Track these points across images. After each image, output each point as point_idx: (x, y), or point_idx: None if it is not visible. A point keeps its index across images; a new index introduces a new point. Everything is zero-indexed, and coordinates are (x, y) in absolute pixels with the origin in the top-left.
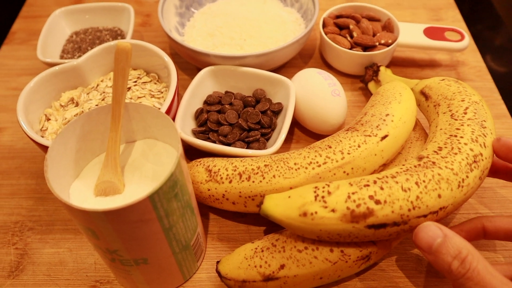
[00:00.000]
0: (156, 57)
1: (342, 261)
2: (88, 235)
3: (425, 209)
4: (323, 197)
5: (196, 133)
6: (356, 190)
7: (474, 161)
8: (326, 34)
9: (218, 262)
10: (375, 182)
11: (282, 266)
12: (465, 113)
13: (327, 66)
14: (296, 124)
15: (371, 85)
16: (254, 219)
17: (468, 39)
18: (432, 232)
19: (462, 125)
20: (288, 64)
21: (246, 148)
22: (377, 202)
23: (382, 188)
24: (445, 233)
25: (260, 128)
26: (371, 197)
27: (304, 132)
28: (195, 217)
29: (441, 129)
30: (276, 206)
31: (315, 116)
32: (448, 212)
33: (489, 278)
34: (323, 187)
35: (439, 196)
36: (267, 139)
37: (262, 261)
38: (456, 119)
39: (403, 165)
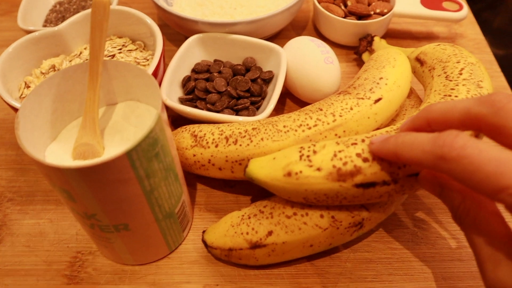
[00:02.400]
0: (142, 24)
1: (333, 227)
2: (64, 198)
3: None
4: (308, 156)
5: (183, 101)
6: (343, 149)
7: None
8: (319, 3)
9: (204, 231)
10: (363, 140)
11: (270, 233)
12: (460, 74)
13: (321, 38)
14: (288, 94)
15: (365, 56)
16: (243, 189)
17: (466, 9)
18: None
19: (457, 85)
20: (280, 35)
21: (235, 115)
22: (365, 159)
23: None
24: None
25: (249, 96)
26: (358, 155)
27: (296, 102)
28: (179, 183)
29: (435, 90)
30: (261, 168)
31: (307, 84)
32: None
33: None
34: (309, 147)
35: None
36: (257, 108)
37: (249, 228)
38: (451, 80)
39: (394, 125)
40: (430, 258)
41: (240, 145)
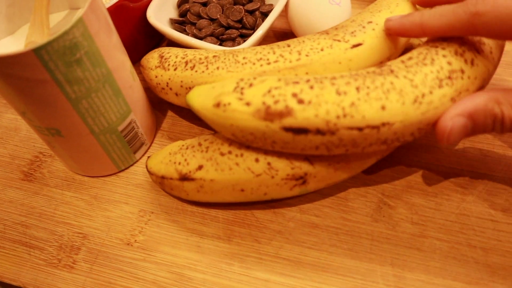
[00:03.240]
0: None
1: (267, 175)
2: None
3: (360, 119)
4: (242, 88)
5: (173, 23)
6: (281, 86)
7: (448, 77)
8: None
9: (149, 156)
10: (308, 80)
11: (200, 167)
12: None
13: None
14: (293, 35)
15: None
16: None
17: None
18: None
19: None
20: None
21: (219, 45)
22: (300, 101)
23: (312, 88)
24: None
25: (241, 27)
26: (294, 94)
27: None
28: (123, 99)
29: (427, 42)
30: (198, 96)
31: (307, 24)
32: (396, 132)
33: None
34: (248, 79)
35: (383, 107)
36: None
37: (182, 159)
38: None
39: (349, 71)
40: (384, 240)
41: (196, 71)
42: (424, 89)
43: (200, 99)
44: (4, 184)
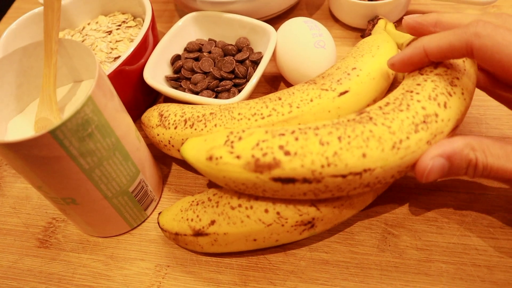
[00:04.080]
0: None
1: (277, 224)
2: (13, 168)
3: (343, 167)
4: (232, 142)
5: (168, 80)
6: (268, 138)
7: (423, 122)
8: None
9: (160, 213)
10: (293, 132)
11: (213, 222)
12: (435, 68)
13: (334, 19)
14: (282, 78)
15: None
16: None
17: None
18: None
19: (426, 80)
20: (292, 15)
21: (215, 97)
22: (287, 153)
23: (297, 139)
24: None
25: (234, 78)
26: (281, 147)
27: (289, 86)
28: (132, 162)
29: (403, 84)
30: (191, 149)
31: (294, 68)
32: (378, 176)
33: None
34: (237, 133)
35: (364, 155)
36: (241, 90)
37: (194, 215)
38: (422, 74)
39: (338, 118)
40: (393, 268)
41: (195, 129)
42: (401, 135)
43: (193, 152)
44: (21, 253)
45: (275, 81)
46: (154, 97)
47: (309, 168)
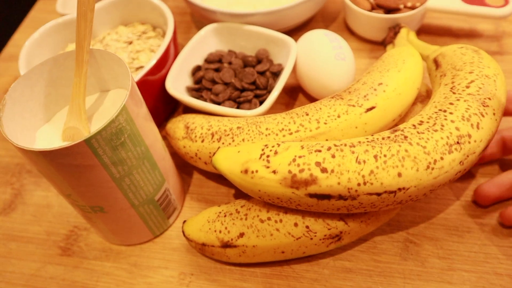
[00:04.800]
0: (157, 11)
1: (306, 238)
2: (44, 177)
3: (378, 186)
4: (268, 156)
5: (189, 90)
6: (305, 154)
7: (457, 142)
8: None
9: (184, 221)
10: (329, 148)
11: (242, 235)
12: (467, 87)
13: (350, 32)
14: (301, 89)
15: (389, 49)
16: None
17: None
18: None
19: (458, 99)
20: (308, 27)
21: (237, 108)
22: (323, 170)
23: (333, 156)
24: None
25: (255, 89)
26: (318, 163)
27: (308, 98)
28: (158, 172)
29: (434, 101)
30: (225, 159)
31: (315, 80)
32: (411, 195)
33: None
34: (273, 146)
35: (399, 174)
36: (262, 101)
37: (222, 227)
38: (454, 93)
39: (372, 135)
40: (415, 277)
41: (223, 143)
42: (436, 155)
43: (227, 164)
44: (43, 261)
45: (294, 92)
46: (173, 107)
47: (346, 186)
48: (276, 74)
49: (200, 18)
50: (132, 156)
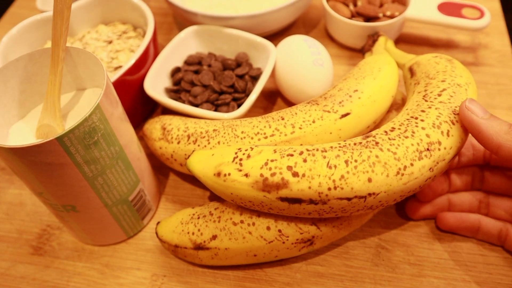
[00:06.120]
0: (137, 11)
1: (278, 241)
2: (15, 173)
3: (349, 191)
4: (241, 159)
5: (168, 92)
6: (277, 158)
7: (427, 149)
8: (327, 1)
9: (158, 223)
10: (301, 153)
11: (214, 237)
12: (439, 95)
13: (330, 38)
14: (280, 93)
15: (367, 56)
16: None
17: (488, 18)
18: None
19: (430, 107)
20: (289, 32)
21: (215, 111)
22: (295, 174)
23: (305, 161)
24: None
25: (233, 92)
26: (289, 168)
27: (287, 102)
28: (133, 171)
29: (407, 109)
30: (199, 162)
31: (293, 85)
32: (381, 200)
33: None
34: (246, 150)
35: (369, 180)
36: (240, 104)
37: (195, 229)
38: (426, 100)
39: (345, 141)
40: (386, 282)
41: (199, 145)
42: (406, 161)
43: (200, 166)
44: (14, 260)
45: (272, 96)
46: (151, 107)
47: (316, 190)
48: (255, 78)
49: (182, 20)
50: (105, 156)
